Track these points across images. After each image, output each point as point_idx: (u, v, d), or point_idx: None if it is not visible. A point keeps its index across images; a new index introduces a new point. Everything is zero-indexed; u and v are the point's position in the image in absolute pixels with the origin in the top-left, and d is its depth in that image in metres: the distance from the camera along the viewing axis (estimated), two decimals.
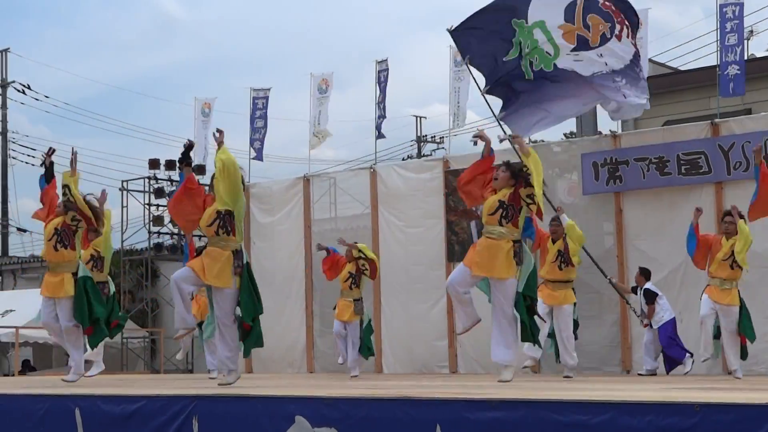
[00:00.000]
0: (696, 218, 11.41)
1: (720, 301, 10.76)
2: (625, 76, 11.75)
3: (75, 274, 9.62)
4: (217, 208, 8.20)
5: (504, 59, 12.12)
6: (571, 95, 12.08)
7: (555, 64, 11.85)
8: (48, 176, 9.91)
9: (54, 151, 10.03)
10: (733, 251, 10.70)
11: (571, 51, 11.78)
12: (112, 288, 11.39)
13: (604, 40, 11.70)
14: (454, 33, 12.79)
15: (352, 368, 12.83)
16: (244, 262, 8.29)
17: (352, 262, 12.96)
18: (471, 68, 13.08)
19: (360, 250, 12.90)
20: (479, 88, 12.76)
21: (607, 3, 11.74)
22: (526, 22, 11.90)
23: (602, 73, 11.72)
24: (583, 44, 11.76)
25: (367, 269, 12.93)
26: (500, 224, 8.40)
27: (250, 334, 8.31)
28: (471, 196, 8.86)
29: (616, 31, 11.65)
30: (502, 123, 12.70)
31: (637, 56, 11.85)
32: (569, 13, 11.82)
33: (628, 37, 11.70)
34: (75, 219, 9.56)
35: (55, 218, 9.65)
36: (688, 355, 12.74)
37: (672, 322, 12.98)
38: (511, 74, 12.15)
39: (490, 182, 8.59)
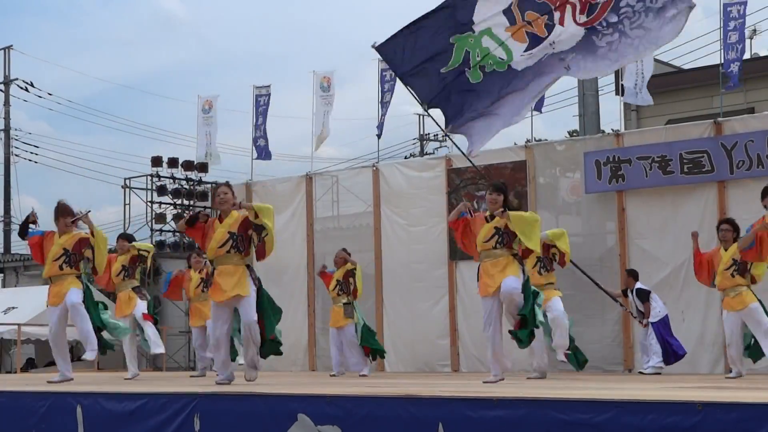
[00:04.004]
0: (695, 243, 11.36)
1: (737, 307, 10.62)
2: (575, 50, 11.25)
3: (78, 278, 9.99)
4: (229, 230, 8.42)
5: (442, 71, 11.53)
6: (519, 89, 11.56)
7: (509, 65, 11.46)
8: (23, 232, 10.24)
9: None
10: (734, 260, 10.61)
11: (525, 51, 11.36)
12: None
13: (549, 29, 11.30)
14: (382, 48, 12.05)
15: (359, 368, 12.83)
16: (257, 277, 8.63)
17: (340, 269, 13.04)
18: (407, 86, 12.15)
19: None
20: (419, 103, 12.15)
21: None
22: (474, 32, 11.50)
23: (549, 54, 11.27)
24: (534, 40, 11.28)
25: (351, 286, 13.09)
26: (495, 248, 8.87)
27: (272, 342, 8.68)
28: (471, 249, 9.25)
29: (556, 19, 11.25)
30: (449, 135, 12.31)
31: (591, 29, 11.15)
32: (509, 16, 11.46)
33: (573, 17, 11.22)
34: (88, 256, 10.04)
35: (62, 239, 9.92)
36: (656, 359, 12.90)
37: (666, 319, 13.04)
38: (452, 84, 11.56)
39: (474, 225, 9.04)
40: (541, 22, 11.27)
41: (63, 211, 9.97)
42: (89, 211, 10.03)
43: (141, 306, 11.91)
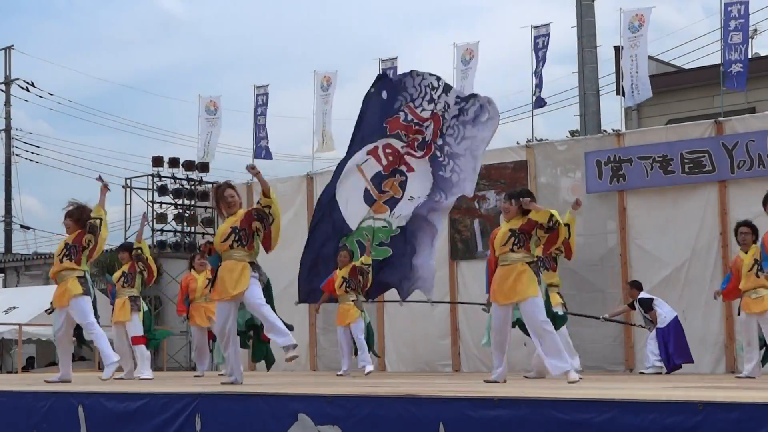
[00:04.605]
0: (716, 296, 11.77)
1: (755, 310, 10.52)
2: (437, 188, 12.90)
3: (81, 278, 9.77)
4: (232, 225, 8.43)
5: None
6: (425, 236, 13.03)
7: (399, 228, 13.08)
8: None
9: None
10: (755, 260, 10.58)
11: (390, 215, 13.15)
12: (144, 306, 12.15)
13: (403, 185, 13.15)
14: (304, 298, 14.00)
15: (366, 364, 12.70)
16: (266, 278, 8.64)
17: (344, 267, 12.83)
18: None
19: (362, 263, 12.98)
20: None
21: (391, 153, 13.12)
22: (353, 230, 13.31)
23: (422, 203, 12.96)
24: (392, 203, 13.14)
25: (361, 282, 12.92)
26: (512, 251, 8.55)
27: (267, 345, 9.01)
28: None
29: (406, 171, 13.11)
30: (408, 300, 13.55)
31: (433, 160, 12.91)
32: (368, 199, 13.26)
33: (414, 155, 13.05)
34: (89, 241, 9.79)
35: (68, 235, 9.87)
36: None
37: (673, 323, 12.98)
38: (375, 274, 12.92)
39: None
40: (396, 183, 13.17)
41: (78, 215, 9.79)
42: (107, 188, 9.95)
43: (134, 325, 11.77)
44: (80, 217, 9.78)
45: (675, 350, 12.87)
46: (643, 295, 13.25)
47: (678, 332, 12.96)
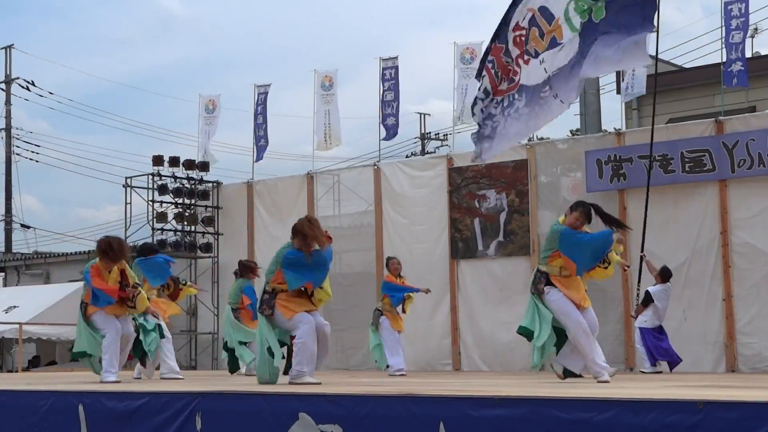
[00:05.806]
0: None
1: None
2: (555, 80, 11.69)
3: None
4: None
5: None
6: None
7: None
8: None
9: None
10: None
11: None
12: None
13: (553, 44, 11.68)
14: None
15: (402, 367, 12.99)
16: None
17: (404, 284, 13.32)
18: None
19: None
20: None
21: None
22: None
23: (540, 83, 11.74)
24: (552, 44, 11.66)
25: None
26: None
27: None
28: None
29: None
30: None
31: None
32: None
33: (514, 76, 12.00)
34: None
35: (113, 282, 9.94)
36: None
37: (651, 331, 12.92)
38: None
39: None
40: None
41: (118, 255, 9.82)
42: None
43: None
44: (115, 256, 9.79)
45: (657, 351, 12.88)
46: (654, 289, 13.06)
47: (654, 336, 12.92)
